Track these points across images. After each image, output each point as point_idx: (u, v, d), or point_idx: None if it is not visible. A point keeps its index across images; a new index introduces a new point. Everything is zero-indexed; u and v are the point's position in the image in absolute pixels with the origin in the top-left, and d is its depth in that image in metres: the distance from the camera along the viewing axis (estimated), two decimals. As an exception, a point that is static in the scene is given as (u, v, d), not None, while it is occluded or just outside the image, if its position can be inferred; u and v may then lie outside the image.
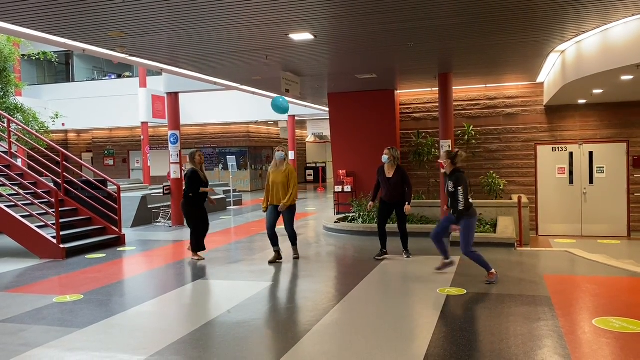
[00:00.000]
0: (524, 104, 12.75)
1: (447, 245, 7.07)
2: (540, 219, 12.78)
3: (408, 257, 8.16)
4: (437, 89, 11.22)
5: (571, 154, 12.60)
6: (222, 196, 17.07)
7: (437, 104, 11.65)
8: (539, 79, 12.11)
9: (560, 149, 12.65)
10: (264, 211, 8.12)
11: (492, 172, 12.63)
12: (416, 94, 13.50)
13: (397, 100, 13.37)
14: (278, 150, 7.99)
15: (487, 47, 8.49)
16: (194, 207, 8.28)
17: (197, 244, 8.45)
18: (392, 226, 8.38)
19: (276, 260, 8.11)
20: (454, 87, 11.18)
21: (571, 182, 12.62)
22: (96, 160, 27.31)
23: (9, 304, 6.02)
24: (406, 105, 13.59)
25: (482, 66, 10.28)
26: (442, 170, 7.06)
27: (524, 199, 11.09)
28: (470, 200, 6.56)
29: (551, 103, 12.02)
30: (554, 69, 10.33)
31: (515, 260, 7.92)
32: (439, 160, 6.64)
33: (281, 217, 8.02)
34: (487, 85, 12.85)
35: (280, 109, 9.27)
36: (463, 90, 12.98)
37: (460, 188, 6.40)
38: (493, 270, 6.55)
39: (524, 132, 12.78)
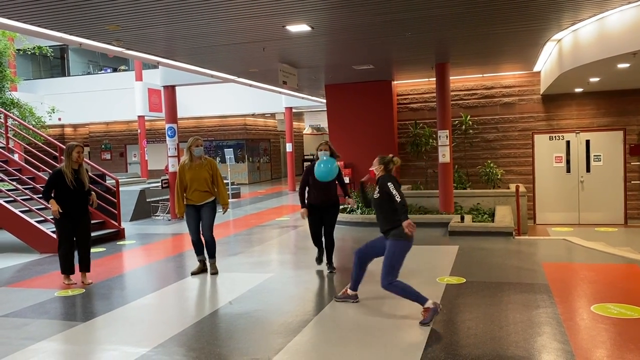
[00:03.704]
0: (520, 93, 12.77)
1: (362, 276, 5.51)
2: (538, 208, 12.85)
3: (332, 272, 6.75)
4: (434, 79, 11.23)
5: (568, 142, 12.64)
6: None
7: (435, 94, 11.66)
8: (536, 68, 12.12)
9: (557, 137, 12.68)
10: (180, 217, 7.20)
11: (489, 161, 12.67)
12: (413, 85, 13.51)
13: (394, 91, 13.37)
14: (197, 146, 6.70)
15: (483, 37, 8.49)
16: (61, 216, 6.38)
17: (64, 264, 6.54)
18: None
19: (201, 271, 6.95)
20: (451, 77, 11.19)
21: (568, 170, 12.68)
22: (93, 154, 27.25)
23: (11, 299, 6.04)
24: (403, 96, 13.60)
25: (479, 56, 10.29)
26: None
27: (522, 188, 11.14)
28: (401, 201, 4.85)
29: (548, 92, 12.05)
30: (550, 58, 10.35)
31: (513, 249, 7.97)
32: (371, 169, 5.26)
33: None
34: (484, 75, 12.87)
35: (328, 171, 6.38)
36: (460, 80, 12.99)
37: (390, 184, 4.90)
38: (429, 304, 4.68)
39: (521, 122, 12.81)
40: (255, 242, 9.39)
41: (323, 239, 6.87)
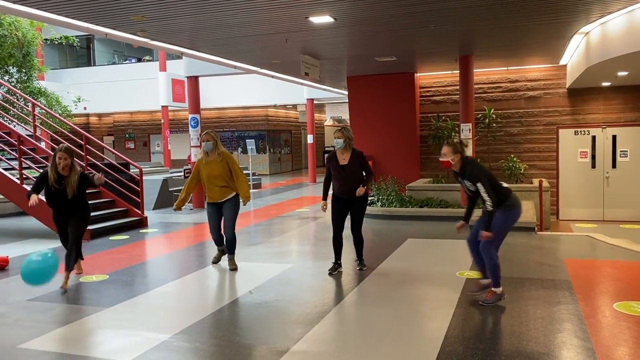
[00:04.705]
0: (546, 86, 12.57)
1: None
2: (561, 203, 12.66)
3: (361, 269, 6.50)
4: (458, 71, 11.11)
5: (594, 137, 12.41)
6: (242, 179, 17.16)
7: (458, 87, 11.55)
8: (562, 62, 11.91)
9: (582, 132, 12.46)
10: (176, 209, 6.83)
11: (512, 155, 12.52)
12: (436, 77, 13.39)
13: (417, 83, 13.27)
14: (206, 141, 6.45)
15: (509, 29, 8.37)
16: (53, 212, 6.20)
17: (67, 259, 6.04)
18: (407, 210, 8.30)
19: (221, 257, 6.94)
20: (475, 70, 11.07)
21: (593, 166, 12.45)
22: (117, 143, 27.65)
23: (38, 283, 6.19)
24: (426, 88, 13.49)
25: (504, 48, 10.14)
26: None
27: (545, 183, 10.99)
28: (505, 186, 5.15)
29: (574, 86, 11.83)
30: (577, 51, 10.15)
31: (535, 244, 7.89)
32: (442, 159, 5.02)
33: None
34: (509, 68, 12.69)
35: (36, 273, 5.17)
36: (484, 73, 12.83)
37: (480, 185, 4.85)
38: (499, 290, 5.02)
39: (545, 116, 12.61)
40: (276, 233, 9.46)
41: (352, 236, 6.41)
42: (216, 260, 6.96)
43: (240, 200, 6.60)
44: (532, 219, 9.00)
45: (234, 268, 6.68)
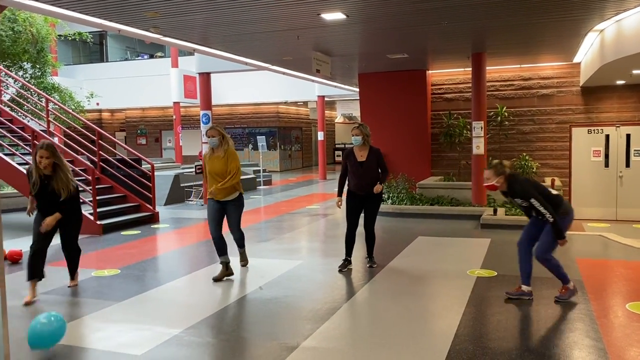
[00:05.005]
0: (559, 84, 12.45)
1: (531, 267, 5.20)
2: (574, 202, 12.54)
3: (371, 266, 6.51)
4: (470, 69, 11.05)
5: (607, 136, 12.28)
6: (252, 176, 17.26)
7: (470, 85, 11.48)
8: (576, 59, 11.79)
9: (596, 131, 12.34)
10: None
11: (524, 154, 12.43)
12: (448, 74, 13.32)
13: (428, 80, 13.21)
14: (211, 137, 6.08)
15: (523, 27, 8.30)
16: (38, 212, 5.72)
17: (28, 267, 5.51)
18: (420, 207, 8.28)
19: (224, 276, 6.12)
20: (487, 67, 10.99)
21: (607, 165, 12.33)
22: (129, 139, 27.83)
23: (51, 277, 6.24)
24: (438, 86, 13.42)
25: (517, 46, 10.06)
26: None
27: (557, 182, 10.91)
28: (555, 193, 5.15)
29: (588, 84, 11.71)
30: (591, 49, 10.05)
31: (547, 244, 7.82)
32: (486, 184, 5.03)
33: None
34: (522, 66, 12.59)
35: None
36: (497, 71, 12.74)
37: (533, 200, 4.84)
38: (571, 285, 5.11)
39: (558, 114, 12.50)
40: (286, 229, 9.48)
41: (364, 233, 6.43)
42: (220, 277, 6.06)
43: (244, 200, 6.29)
44: (544, 218, 8.93)
45: (244, 263, 6.59)
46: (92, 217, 9.15)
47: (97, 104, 20.89)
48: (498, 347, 4.00)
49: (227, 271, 6.14)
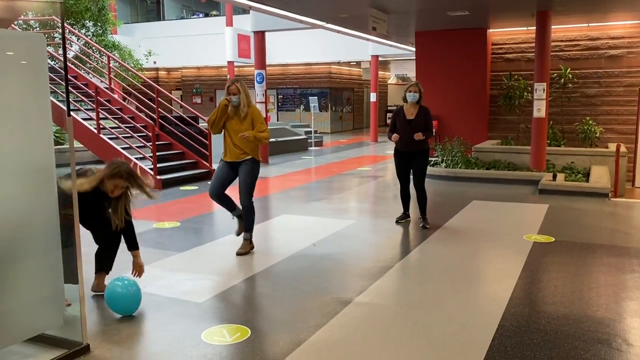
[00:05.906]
0: (630, 45, 11.73)
1: None
2: (638, 170, 11.98)
3: (424, 226, 6.50)
4: (534, 28, 10.54)
5: (681, 100, 11.56)
6: (304, 137, 17.32)
7: (533, 45, 10.99)
8: (651, 17, 11.04)
9: (668, 95, 11.63)
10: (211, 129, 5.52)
11: (588, 118, 11.90)
12: (510, 33, 12.77)
13: (489, 39, 12.73)
14: (232, 94, 5.29)
15: (594, -19, 7.81)
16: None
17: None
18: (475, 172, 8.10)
19: (250, 249, 5.56)
20: (552, 26, 10.46)
21: (678, 131, 11.65)
22: (185, 98, 28.37)
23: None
24: (498, 45, 12.92)
25: (585, 3, 9.50)
26: None
27: (622, 148, 10.43)
28: None
29: (662, 44, 10.98)
30: (670, 6, 9.37)
31: (608, 211, 7.56)
32: None
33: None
34: (590, 25, 11.90)
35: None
36: (561, 30, 12.11)
37: None
38: None
39: (627, 76, 11.83)
40: (336, 190, 9.53)
41: (414, 190, 6.58)
42: (243, 252, 5.48)
43: (260, 163, 5.61)
44: (606, 185, 8.61)
45: (242, 252, 5.45)
46: (152, 172, 9.49)
47: (155, 62, 21.30)
48: (554, 312, 3.95)
49: (250, 244, 5.59)
